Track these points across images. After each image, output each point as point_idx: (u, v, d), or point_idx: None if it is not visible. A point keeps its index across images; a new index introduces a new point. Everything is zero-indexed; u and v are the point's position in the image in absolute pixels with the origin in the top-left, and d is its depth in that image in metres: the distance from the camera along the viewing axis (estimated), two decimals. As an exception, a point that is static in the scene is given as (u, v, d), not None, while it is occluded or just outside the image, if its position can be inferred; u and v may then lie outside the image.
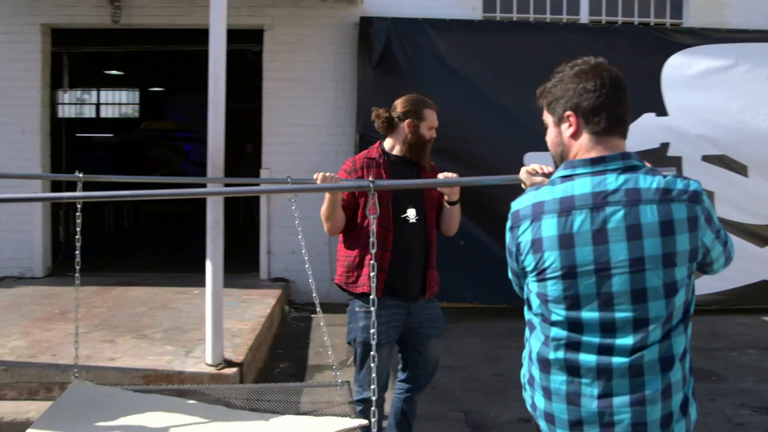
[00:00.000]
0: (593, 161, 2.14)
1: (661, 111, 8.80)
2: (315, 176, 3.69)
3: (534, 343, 2.23)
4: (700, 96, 8.94)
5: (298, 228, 4.16)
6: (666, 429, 2.09)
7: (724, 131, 8.77)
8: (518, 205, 2.24)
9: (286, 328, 7.82)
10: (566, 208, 2.10)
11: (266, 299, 7.70)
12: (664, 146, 8.57)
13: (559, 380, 2.15)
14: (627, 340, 2.07)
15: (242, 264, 9.17)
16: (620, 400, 2.07)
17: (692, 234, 2.09)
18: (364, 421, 3.32)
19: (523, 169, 2.67)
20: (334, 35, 9.01)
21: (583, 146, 2.19)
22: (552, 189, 2.15)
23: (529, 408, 2.29)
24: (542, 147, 8.93)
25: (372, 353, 3.21)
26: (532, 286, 2.21)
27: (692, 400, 2.16)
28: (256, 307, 7.27)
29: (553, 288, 2.12)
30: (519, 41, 8.81)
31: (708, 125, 8.67)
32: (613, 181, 2.09)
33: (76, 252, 3.86)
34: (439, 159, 4.48)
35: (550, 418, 2.18)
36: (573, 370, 2.12)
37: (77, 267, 3.92)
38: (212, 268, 5.22)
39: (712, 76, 9.05)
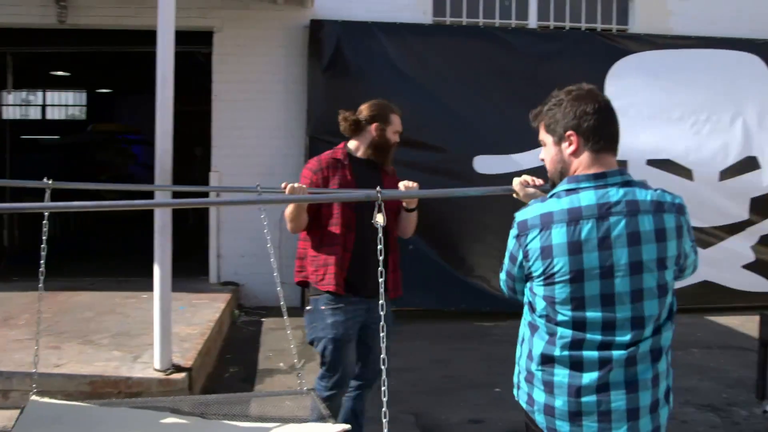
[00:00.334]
0: (596, 176, 2.40)
1: (605, 117, 8.93)
2: (283, 185, 3.81)
3: (536, 342, 2.43)
4: (645, 101, 9.12)
5: (267, 236, 4.07)
6: (654, 414, 2.39)
7: (669, 136, 8.96)
8: (525, 215, 2.44)
9: (236, 332, 7.77)
10: (574, 218, 2.33)
11: (216, 303, 7.64)
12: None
13: (562, 374, 2.37)
14: (625, 337, 2.34)
15: (192, 268, 9.06)
16: (616, 389, 2.33)
17: (678, 241, 2.40)
18: (347, 426, 3.39)
19: (516, 180, 2.93)
20: (284, 38, 8.97)
21: (583, 163, 2.44)
22: (559, 201, 2.39)
23: (524, 404, 2.50)
24: (492, 150, 9.16)
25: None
26: (537, 290, 2.42)
27: (671, 389, 2.47)
28: (205, 312, 7.21)
29: (561, 291, 2.34)
30: (469, 45, 8.88)
31: (653, 130, 8.85)
32: (615, 193, 2.36)
33: (41, 262, 3.78)
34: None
35: (550, 410, 2.39)
36: (576, 365, 2.35)
37: (41, 276, 3.83)
38: (160, 272, 5.16)
39: (656, 81, 9.24)
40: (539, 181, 2.92)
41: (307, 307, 4.09)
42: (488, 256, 8.57)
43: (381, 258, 2.97)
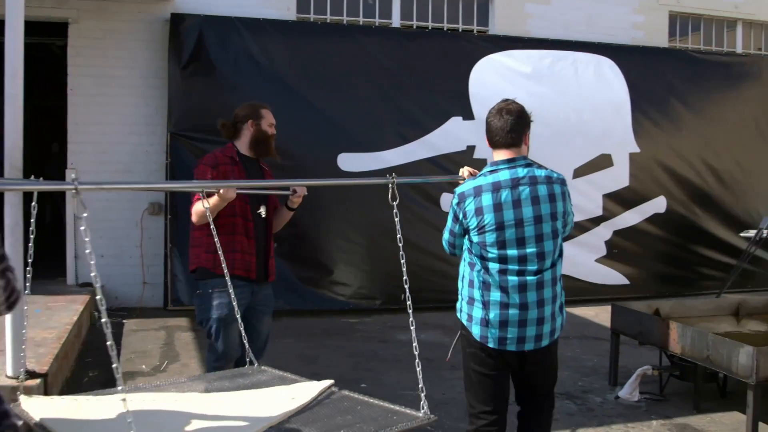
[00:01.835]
0: (508, 161, 3.55)
1: (468, 115, 9.18)
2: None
3: (475, 275, 3.54)
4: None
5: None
6: (554, 321, 3.58)
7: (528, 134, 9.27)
8: (463, 188, 3.59)
9: (96, 335, 7.48)
10: (496, 188, 3.49)
11: (74, 305, 7.34)
12: (471, 148, 8.95)
13: (495, 295, 3.48)
14: (534, 266, 3.49)
15: (48, 269, 8.67)
16: (531, 306, 3.48)
17: (563, 202, 3.58)
18: (331, 381, 3.55)
19: (463, 169, 3.88)
20: (144, 31, 8.72)
21: (496, 154, 3.64)
22: (485, 177, 3.55)
23: (465, 321, 3.61)
24: (355, 148, 9.22)
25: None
26: (474, 238, 3.52)
27: (563, 304, 3.68)
28: (62, 314, 6.92)
29: (489, 237, 3.47)
30: (332, 43, 8.90)
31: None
32: (521, 171, 3.53)
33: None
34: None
35: (485, 322, 3.51)
36: (504, 288, 3.48)
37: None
38: (12, 273, 4.90)
39: (514, 82, 9.54)
40: (475, 171, 3.81)
41: (198, 291, 4.48)
42: (348, 254, 8.72)
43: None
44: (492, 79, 9.43)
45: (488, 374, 3.57)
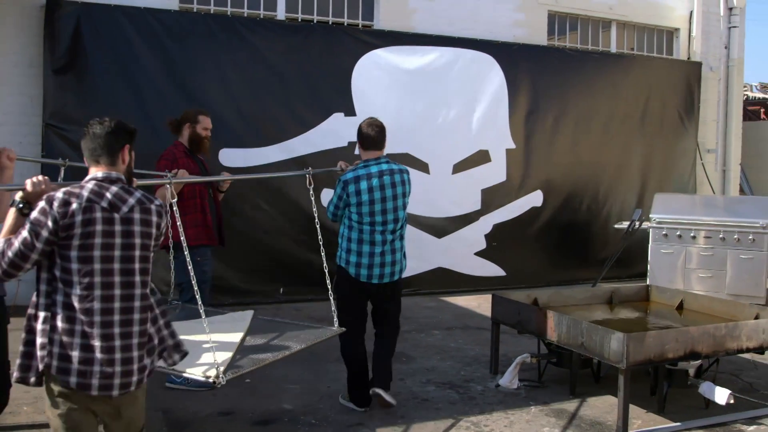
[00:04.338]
0: (376, 159, 5.20)
1: (350, 111, 9.25)
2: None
3: (353, 234, 5.14)
4: (386, 96, 9.49)
5: None
6: (401, 263, 5.32)
7: (408, 130, 9.40)
8: (347, 176, 5.12)
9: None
10: (368, 176, 5.09)
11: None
12: (352, 144, 8.99)
13: (366, 247, 5.12)
14: (391, 227, 5.17)
15: None
16: (389, 253, 5.17)
17: (408, 186, 5.28)
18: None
19: (340, 162, 5.35)
20: (19, 16, 8.35)
21: (364, 154, 5.24)
22: (363, 169, 5.13)
23: (343, 264, 5.18)
24: (236, 144, 9.11)
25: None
26: (353, 209, 5.09)
27: (405, 254, 5.36)
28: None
29: (365, 208, 5.07)
30: (215, 35, 8.77)
31: (394, 125, 9.25)
32: (384, 166, 5.17)
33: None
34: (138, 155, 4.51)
35: (358, 265, 5.11)
36: (372, 242, 5.13)
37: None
38: None
39: (398, 77, 9.66)
40: (348, 164, 5.33)
41: (176, 260, 5.52)
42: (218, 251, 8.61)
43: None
44: (375, 75, 9.51)
45: (357, 297, 5.24)
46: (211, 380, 3.80)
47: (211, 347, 3.89)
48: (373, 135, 5.20)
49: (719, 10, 12.73)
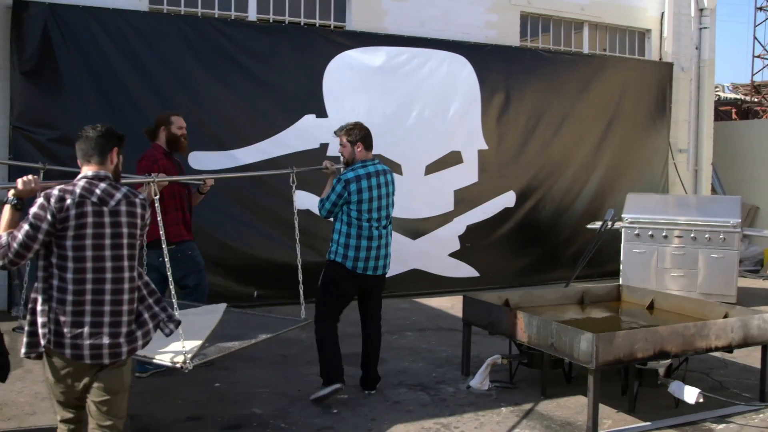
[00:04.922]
0: (371, 160, 5.63)
1: (322, 113, 9.21)
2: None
3: (353, 230, 5.46)
4: (358, 97, 9.47)
5: None
6: (389, 257, 5.72)
7: (380, 131, 9.26)
8: (347, 176, 5.47)
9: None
10: (366, 176, 5.50)
11: None
12: (324, 146, 9.00)
13: (364, 242, 5.48)
14: (384, 223, 5.61)
15: None
16: (382, 247, 5.59)
17: (393, 186, 5.71)
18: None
19: (325, 162, 5.89)
20: (-16, 16, 8.19)
21: (363, 154, 5.61)
22: (361, 169, 5.50)
23: (339, 259, 5.49)
24: (206, 147, 9.07)
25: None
26: (353, 206, 5.44)
27: (390, 251, 5.84)
28: None
29: (364, 206, 5.45)
30: (186, 36, 8.69)
31: (368, 124, 9.23)
32: (378, 167, 5.62)
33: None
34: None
35: (354, 258, 5.50)
36: (369, 237, 5.49)
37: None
38: None
39: (370, 78, 9.63)
40: (335, 164, 5.84)
41: (170, 247, 5.23)
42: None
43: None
44: (346, 76, 9.47)
45: (347, 290, 5.64)
46: (178, 365, 4.15)
47: (180, 335, 4.09)
48: (371, 137, 5.69)
49: (690, 11, 12.85)
